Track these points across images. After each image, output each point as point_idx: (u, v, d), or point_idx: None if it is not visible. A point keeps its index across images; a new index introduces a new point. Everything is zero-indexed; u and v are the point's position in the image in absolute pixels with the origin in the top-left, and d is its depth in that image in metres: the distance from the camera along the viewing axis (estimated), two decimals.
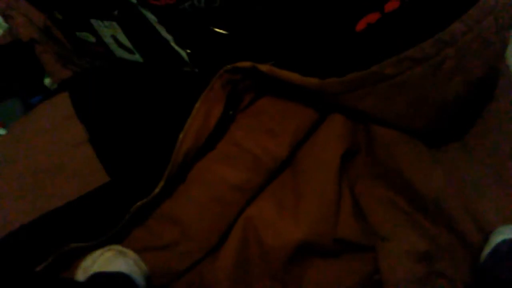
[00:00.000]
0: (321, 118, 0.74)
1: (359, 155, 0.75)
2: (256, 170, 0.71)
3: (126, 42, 0.75)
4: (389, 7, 0.65)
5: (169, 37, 0.70)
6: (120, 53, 0.79)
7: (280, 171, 0.74)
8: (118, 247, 0.65)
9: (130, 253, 0.65)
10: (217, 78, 0.69)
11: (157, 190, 0.65)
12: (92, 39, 0.78)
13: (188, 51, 0.72)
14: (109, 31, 0.74)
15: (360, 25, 0.66)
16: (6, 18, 0.84)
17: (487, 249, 0.64)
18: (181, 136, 0.67)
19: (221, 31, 0.70)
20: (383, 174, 0.74)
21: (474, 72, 0.66)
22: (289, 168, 0.75)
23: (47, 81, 0.86)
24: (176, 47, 0.72)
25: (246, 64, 0.67)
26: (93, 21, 0.73)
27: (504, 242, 0.62)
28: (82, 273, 0.60)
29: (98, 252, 0.62)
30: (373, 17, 0.66)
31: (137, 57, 0.78)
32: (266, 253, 0.69)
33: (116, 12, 0.69)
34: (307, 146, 0.74)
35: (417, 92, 0.66)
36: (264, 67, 0.67)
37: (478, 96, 0.75)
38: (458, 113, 0.72)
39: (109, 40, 0.76)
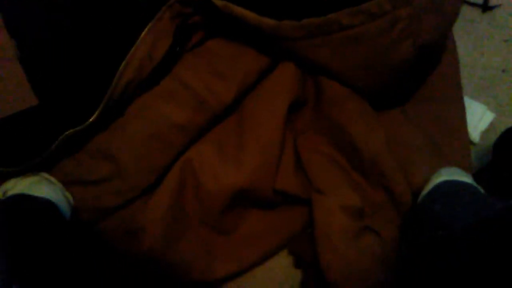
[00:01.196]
0: (272, 66, 0.72)
1: (306, 108, 0.75)
2: (200, 111, 0.68)
3: None
4: None
5: None
6: None
7: (225, 116, 0.72)
8: (44, 174, 0.60)
9: (56, 181, 0.60)
10: (167, 8, 0.65)
11: (91, 119, 0.61)
12: None
13: None
14: None
15: None
16: None
17: (427, 189, 0.66)
18: (122, 65, 0.62)
19: None
20: (327, 129, 0.74)
21: (424, 36, 0.68)
22: (234, 114, 0.72)
23: None
24: None
25: None
26: None
27: (444, 182, 0.64)
28: (0, 195, 0.54)
29: (20, 176, 0.57)
30: None
31: None
32: (202, 198, 0.67)
33: None
34: (255, 92, 0.72)
35: (370, 48, 0.66)
36: (218, 2, 0.63)
37: (424, 63, 0.77)
38: (405, 76, 0.73)
39: None
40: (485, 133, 0.91)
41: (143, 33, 0.64)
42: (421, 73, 0.80)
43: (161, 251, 0.65)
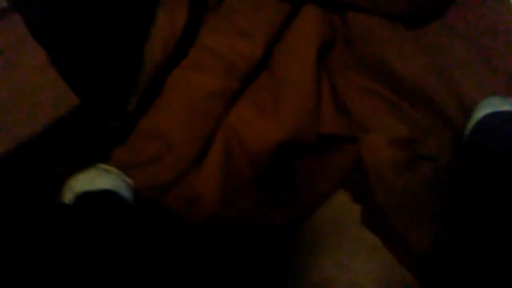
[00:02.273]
0: (294, 11, 0.69)
1: (337, 47, 0.73)
2: (231, 74, 0.68)
3: None
4: None
5: None
6: None
7: (256, 73, 0.71)
8: (100, 165, 0.64)
9: (113, 169, 0.64)
10: None
11: (131, 105, 0.63)
12: None
13: None
14: None
15: None
16: None
17: (471, 124, 0.64)
18: (147, 47, 0.63)
19: None
20: (362, 61, 0.71)
21: None
22: (265, 69, 0.72)
23: None
24: None
25: None
26: None
27: (486, 116, 0.61)
28: (67, 194, 0.60)
29: (81, 172, 0.62)
30: None
31: None
32: (250, 156, 0.69)
33: None
34: (281, 42, 0.70)
35: None
36: None
37: None
38: None
39: None
40: None
41: (158, 9, 0.63)
42: None
43: (221, 211, 0.69)
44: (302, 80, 0.68)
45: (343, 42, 0.72)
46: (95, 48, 0.63)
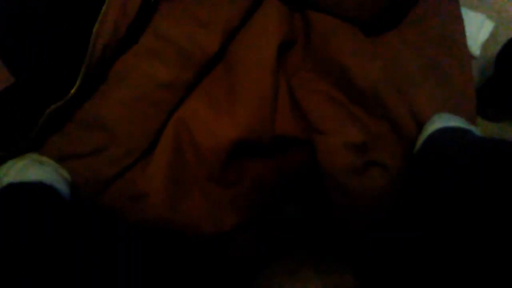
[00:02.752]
0: (255, 6, 0.67)
1: (296, 47, 0.71)
2: (185, 65, 0.64)
3: None
4: None
5: None
6: None
7: (212, 66, 0.68)
8: (34, 155, 0.57)
9: (48, 160, 0.58)
10: None
11: (73, 90, 0.57)
12: None
13: None
14: None
15: None
16: None
17: (421, 139, 0.65)
18: (95, 27, 0.57)
19: None
20: (321, 66, 0.70)
21: None
22: (221, 62, 0.69)
23: None
24: None
25: None
26: None
27: (437, 130, 0.62)
28: None
29: (10, 162, 0.55)
30: None
31: None
32: (201, 154, 0.66)
33: None
34: (240, 36, 0.67)
35: None
36: None
37: None
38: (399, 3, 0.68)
39: None
40: (485, 44, 0.87)
41: None
42: None
43: (167, 212, 0.65)
44: (259, 77, 0.65)
45: (302, 43, 0.71)
46: (40, 24, 0.57)
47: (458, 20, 0.78)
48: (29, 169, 0.54)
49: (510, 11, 0.89)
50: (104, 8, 0.58)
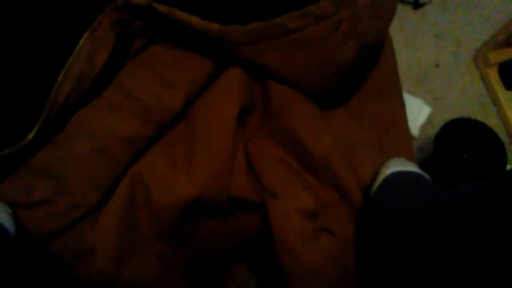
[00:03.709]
0: (218, 71, 0.70)
1: (254, 112, 0.74)
2: (147, 121, 0.65)
3: None
4: None
5: None
6: None
7: (173, 125, 0.69)
8: None
9: None
10: (105, 15, 0.61)
11: (30, 136, 0.56)
12: None
13: None
14: None
15: None
16: None
17: (377, 183, 0.68)
18: (61, 75, 0.58)
19: None
20: (276, 132, 0.73)
21: (366, 36, 0.69)
22: (182, 122, 0.70)
23: None
24: None
25: (141, 1, 0.61)
26: None
27: (392, 174, 0.66)
28: None
29: None
30: None
31: None
32: (155, 211, 0.65)
33: None
34: (202, 99, 0.70)
35: (316, 51, 0.66)
36: (162, 8, 0.61)
37: (366, 61, 0.79)
38: (349, 76, 0.74)
39: None
40: (423, 127, 0.96)
41: (81, 41, 0.60)
42: (363, 72, 0.82)
43: (114, 270, 0.62)
44: (219, 139, 0.67)
45: (260, 109, 0.74)
46: (4, 65, 0.56)
47: (399, 103, 0.85)
48: None
49: (444, 98, 1.00)
50: (71, 58, 0.59)
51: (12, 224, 0.53)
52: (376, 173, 0.72)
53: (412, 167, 0.68)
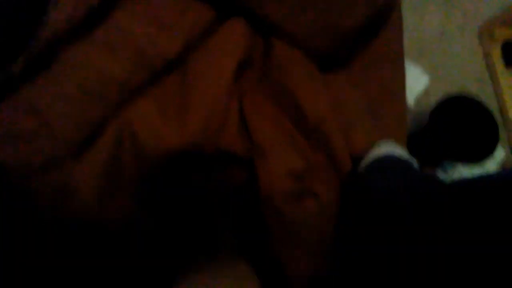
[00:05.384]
0: (219, 20, 0.67)
1: (253, 69, 0.72)
2: (139, 65, 0.62)
3: None
4: None
5: None
6: None
7: (167, 74, 0.66)
8: None
9: None
10: None
11: (16, 67, 0.53)
12: None
13: None
14: None
15: None
16: None
17: (367, 160, 0.68)
18: (52, 7, 0.54)
19: None
20: (273, 91, 0.71)
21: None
22: (178, 73, 0.67)
23: None
24: None
25: None
26: None
27: (384, 155, 0.66)
28: None
29: None
30: None
31: None
32: (141, 157, 0.63)
33: None
34: (200, 51, 0.67)
35: (325, 10, 0.63)
36: None
37: (374, 26, 0.76)
38: (356, 40, 0.72)
39: None
40: (418, 96, 0.95)
41: None
42: (369, 37, 0.79)
43: (95, 210, 0.61)
44: (214, 90, 0.65)
45: (260, 65, 0.72)
46: None
47: (401, 72, 0.84)
48: None
49: (444, 69, 0.98)
50: None
51: None
52: (368, 150, 0.72)
53: (403, 153, 0.68)
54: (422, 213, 0.50)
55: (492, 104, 0.97)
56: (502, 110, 0.97)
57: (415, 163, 0.67)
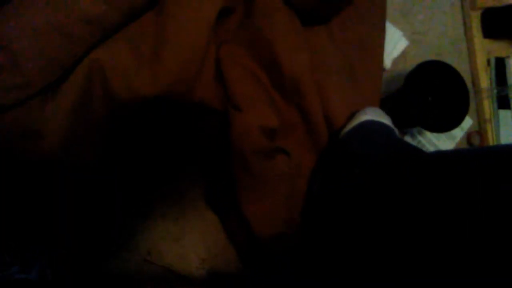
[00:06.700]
0: None
1: (233, 16, 0.69)
2: (114, 2, 0.58)
3: None
4: None
5: None
6: None
7: (143, 13, 0.63)
8: None
9: None
10: None
11: None
12: None
13: None
14: None
15: None
16: None
17: (350, 126, 0.68)
18: None
19: None
20: (252, 42, 0.69)
21: None
22: (154, 14, 0.63)
23: None
24: None
25: None
26: None
27: (367, 121, 0.66)
28: None
29: None
30: None
31: None
32: (111, 102, 0.61)
33: None
34: None
35: None
36: None
37: None
38: None
39: None
40: (395, 59, 0.94)
41: None
42: None
43: (61, 154, 0.60)
44: (192, 35, 0.62)
45: (240, 13, 0.69)
46: None
47: (381, 33, 0.83)
48: None
49: (423, 34, 0.98)
50: None
51: None
52: (351, 117, 0.72)
53: (386, 120, 0.68)
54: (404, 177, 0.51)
55: (464, 72, 0.98)
56: (474, 80, 0.98)
57: (396, 132, 0.68)
